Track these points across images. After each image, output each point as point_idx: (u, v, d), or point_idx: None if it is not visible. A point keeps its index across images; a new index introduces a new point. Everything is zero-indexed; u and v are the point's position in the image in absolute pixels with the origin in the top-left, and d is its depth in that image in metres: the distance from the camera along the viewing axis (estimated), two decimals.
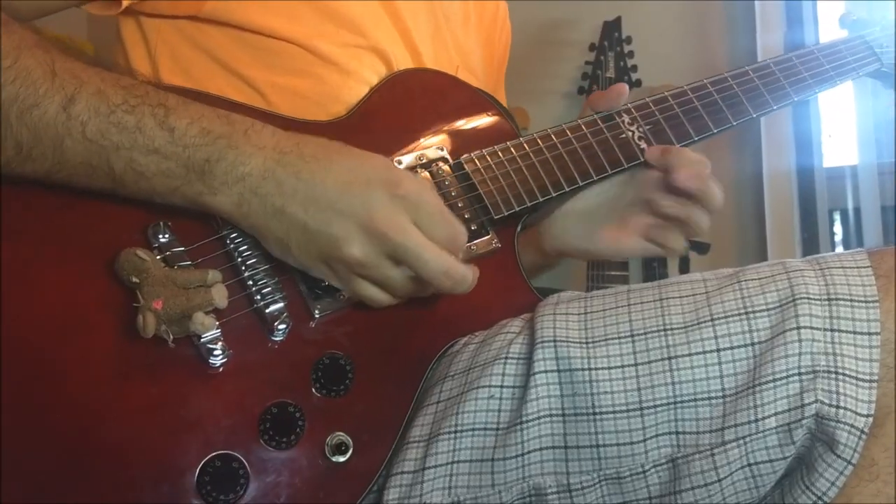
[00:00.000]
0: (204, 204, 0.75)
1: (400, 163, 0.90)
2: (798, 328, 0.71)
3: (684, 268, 2.02)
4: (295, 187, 0.74)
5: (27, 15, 0.82)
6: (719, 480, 0.71)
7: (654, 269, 2.02)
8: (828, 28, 2.01)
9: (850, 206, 1.95)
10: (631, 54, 2.12)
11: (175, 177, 0.74)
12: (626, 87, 1.00)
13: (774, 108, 1.06)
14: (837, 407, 0.69)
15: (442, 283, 0.77)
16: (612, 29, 2.14)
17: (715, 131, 1.02)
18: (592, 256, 1.03)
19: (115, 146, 0.72)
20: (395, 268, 0.77)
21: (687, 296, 0.78)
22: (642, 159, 0.98)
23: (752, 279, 0.76)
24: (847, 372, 0.70)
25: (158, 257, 0.74)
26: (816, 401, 0.69)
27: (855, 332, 0.71)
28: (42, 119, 0.71)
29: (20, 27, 0.74)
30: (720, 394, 0.72)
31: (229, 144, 0.74)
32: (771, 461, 0.71)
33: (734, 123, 1.03)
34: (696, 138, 1.01)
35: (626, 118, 1.00)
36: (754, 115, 1.04)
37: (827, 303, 0.73)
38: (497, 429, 0.75)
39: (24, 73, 0.71)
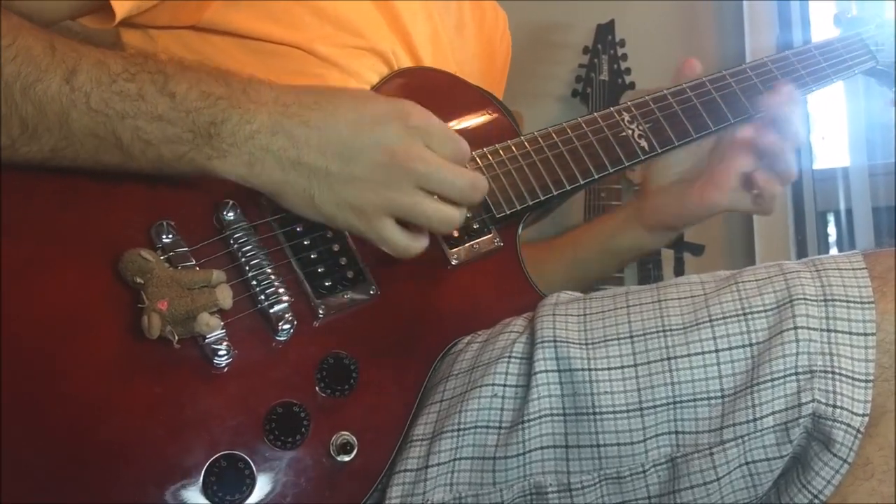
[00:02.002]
0: (214, 169, 0.75)
1: None
2: (795, 328, 0.72)
3: (679, 270, 2.03)
4: (307, 135, 0.75)
5: None
6: (718, 479, 0.72)
7: (648, 270, 2.03)
8: (819, 28, 2.02)
9: (842, 207, 1.96)
10: (624, 57, 2.13)
11: (182, 142, 0.73)
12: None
13: None
14: (834, 406, 0.70)
15: (472, 197, 0.79)
16: (605, 32, 2.14)
17: (713, 129, 1.03)
18: (688, 220, 1.03)
19: (120, 115, 0.72)
20: (422, 196, 0.77)
21: (685, 297, 0.78)
22: (642, 158, 0.99)
23: (750, 281, 0.77)
24: (843, 372, 0.71)
25: (162, 258, 0.74)
26: (813, 400, 0.70)
27: (851, 333, 0.72)
28: (46, 93, 0.70)
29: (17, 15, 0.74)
30: (719, 394, 0.73)
31: (231, 104, 0.74)
32: (768, 460, 0.72)
33: (733, 121, 1.03)
34: (695, 136, 1.01)
35: (626, 116, 1.00)
36: (753, 114, 1.04)
37: (823, 304, 0.73)
38: (500, 427, 0.76)
39: (25, 51, 0.70)
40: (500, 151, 0.93)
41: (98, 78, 0.71)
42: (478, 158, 0.92)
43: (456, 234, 0.89)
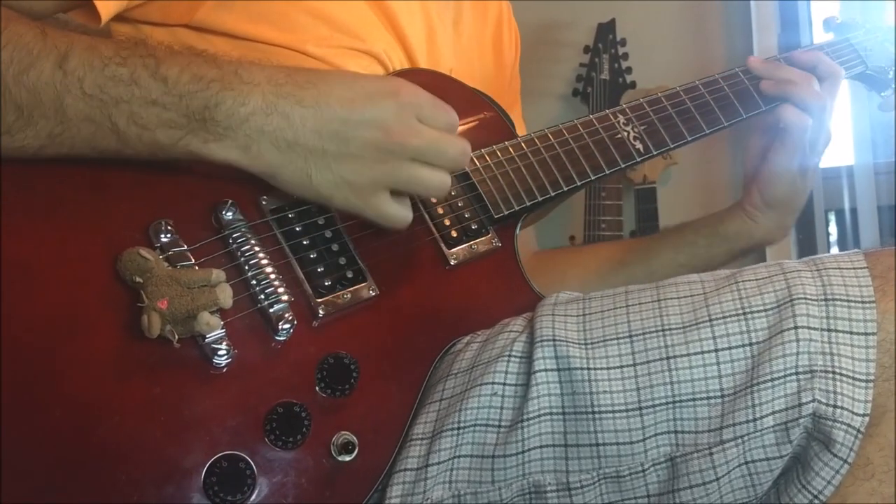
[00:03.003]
0: (210, 153, 0.75)
1: None
2: (795, 328, 0.72)
3: None
4: (302, 115, 0.75)
5: None
6: (717, 479, 0.72)
7: None
8: (821, 30, 2.02)
9: (847, 206, 1.96)
10: (625, 56, 2.13)
11: (178, 127, 0.73)
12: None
13: (764, 108, 1.08)
14: (834, 406, 0.70)
15: (463, 162, 0.82)
16: (606, 31, 2.14)
17: (707, 132, 1.05)
18: (773, 190, 1.07)
19: (114, 100, 0.72)
20: (417, 167, 0.79)
21: (685, 296, 0.78)
22: (637, 159, 1.01)
23: (750, 280, 0.77)
24: (844, 372, 0.71)
25: (161, 257, 0.74)
26: (814, 400, 0.70)
27: (852, 333, 0.72)
28: (40, 78, 0.70)
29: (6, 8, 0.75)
30: (718, 394, 0.73)
31: (224, 87, 0.74)
32: (768, 460, 0.72)
33: (726, 124, 1.06)
34: (689, 139, 1.04)
35: (622, 119, 1.01)
36: (745, 116, 1.07)
37: (824, 303, 0.73)
38: (499, 426, 0.76)
39: (16, 38, 0.70)
40: (498, 152, 0.94)
41: (90, 62, 0.71)
42: (475, 159, 0.93)
43: (454, 234, 0.90)
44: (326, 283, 0.80)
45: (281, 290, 0.77)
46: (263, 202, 0.81)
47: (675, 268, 1.10)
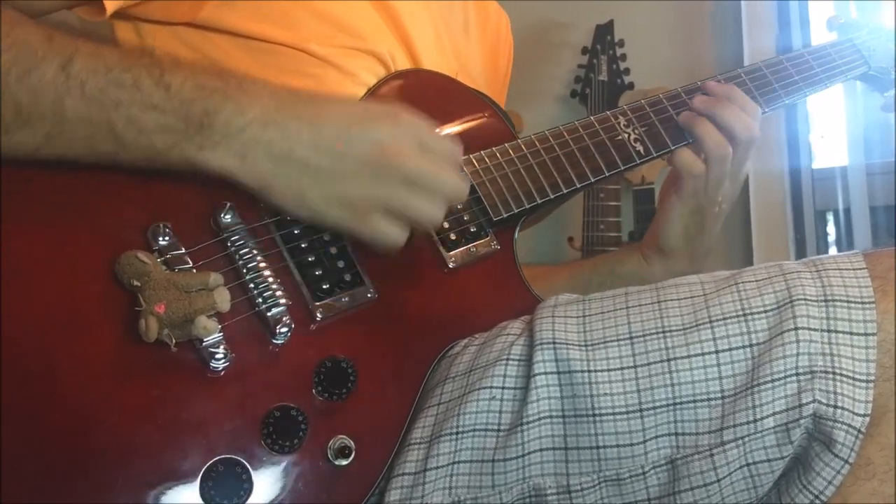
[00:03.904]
0: (205, 160, 0.75)
1: None
2: (796, 329, 0.72)
3: None
4: (299, 129, 0.75)
5: None
6: (718, 481, 0.72)
7: None
8: (819, 30, 2.02)
9: (840, 206, 1.96)
10: (623, 57, 2.13)
11: (175, 131, 0.73)
12: None
13: (766, 110, 1.08)
14: (835, 407, 0.70)
15: (457, 199, 0.82)
16: (604, 32, 2.14)
17: None
18: (665, 231, 1.05)
19: (114, 103, 0.72)
20: (410, 192, 0.78)
21: (685, 298, 0.78)
22: (638, 161, 1.00)
23: (750, 281, 0.77)
24: (844, 372, 0.71)
25: (159, 260, 0.74)
26: (814, 401, 0.70)
27: (852, 333, 0.72)
28: (41, 80, 0.70)
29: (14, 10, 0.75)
30: (719, 395, 0.73)
31: (226, 96, 0.74)
32: (769, 461, 0.72)
33: None
34: (690, 140, 1.03)
35: (623, 120, 1.01)
36: None
37: (824, 304, 0.73)
38: (498, 430, 0.76)
39: (22, 40, 0.71)
40: (497, 155, 0.94)
41: (94, 67, 0.72)
42: (475, 161, 0.93)
43: (453, 236, 0.90)
44: (324, 287, 0.80)
45: (279, 293, 0.77)
46: (262, 205, 0.81)
47: None
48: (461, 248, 0.90)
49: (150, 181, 0.78)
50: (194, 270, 0.75)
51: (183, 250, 0.76)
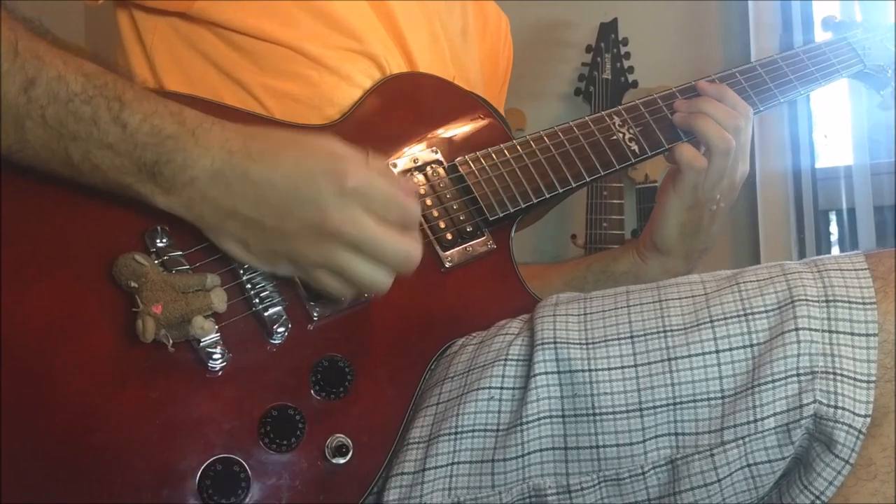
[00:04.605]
0: (156, 203, 0.74)
1: (395, 166, 0.90)
2: (797, 329, 0.72)
3: None
4: (243, 189, 0.73)
5: None
6: (719, 481, 0.72)
7: None
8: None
9: (845, 206, 1.95)
10: (627, 56, 2.12)
11: (128, 173, 0.73)
12: None
13: (761, 109, 1.08)
14: (836, 407, 0.69)
15: (406, 267, 0.76)
16: (608, 30, 2.14)
17: None
18: (661, 227, 1.04)
19: (72, 136, 0.71)
20: (353, 257, 0.74)
21: (686, 297, 0.78)
22: (633, 161, 1.00)
23: (751, 281, 0.77)
24: (845, 373, 0.70)
25: (156, 262, 0.74)
26: (815, 401, 0.70)
27: (853, 334, 0.72)
28: (5, 97, 0.70)
29: None
30: (719, 395, 0.73)
31: (177, 146, 0.73)
32: (770, 461, 0.71)
33: None
34: (684, 139, 1.03)
35: (617, 120, 1.01)
36: None
37: (825, 305, 0.73)
38: (497, 430, 0.75)
39: None
40: (493, 154, 0.94)
41: (56, 93, 0.70)
42: (470, 162, 0.93)
43: (450, 236, 0.90)
44: None
45: (276, 293, 0.78)
46: None
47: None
48: (457, 248, 0.90)
49: None
50: (191, 271, 0.75)
51: (180, 252, 0.76)
